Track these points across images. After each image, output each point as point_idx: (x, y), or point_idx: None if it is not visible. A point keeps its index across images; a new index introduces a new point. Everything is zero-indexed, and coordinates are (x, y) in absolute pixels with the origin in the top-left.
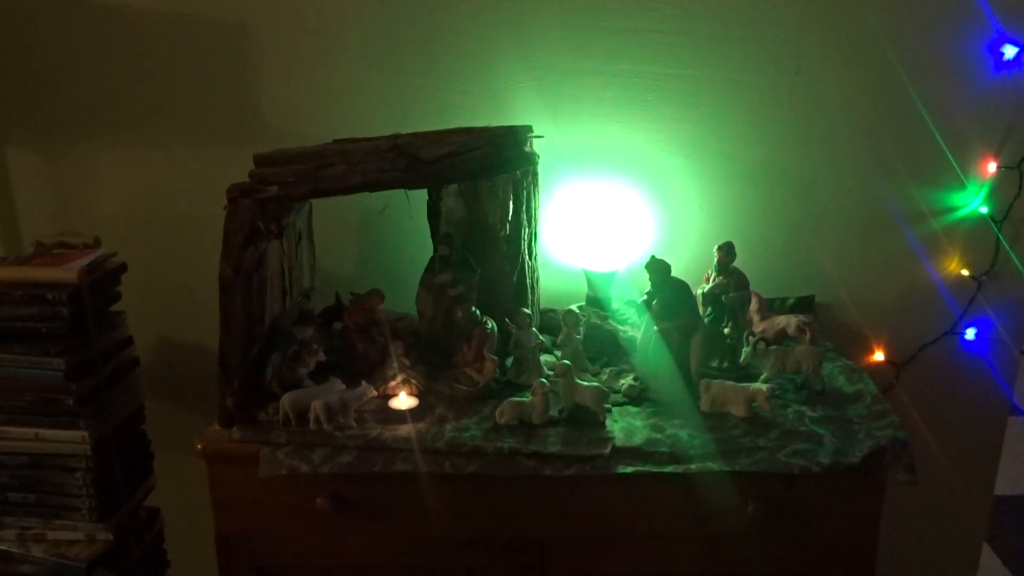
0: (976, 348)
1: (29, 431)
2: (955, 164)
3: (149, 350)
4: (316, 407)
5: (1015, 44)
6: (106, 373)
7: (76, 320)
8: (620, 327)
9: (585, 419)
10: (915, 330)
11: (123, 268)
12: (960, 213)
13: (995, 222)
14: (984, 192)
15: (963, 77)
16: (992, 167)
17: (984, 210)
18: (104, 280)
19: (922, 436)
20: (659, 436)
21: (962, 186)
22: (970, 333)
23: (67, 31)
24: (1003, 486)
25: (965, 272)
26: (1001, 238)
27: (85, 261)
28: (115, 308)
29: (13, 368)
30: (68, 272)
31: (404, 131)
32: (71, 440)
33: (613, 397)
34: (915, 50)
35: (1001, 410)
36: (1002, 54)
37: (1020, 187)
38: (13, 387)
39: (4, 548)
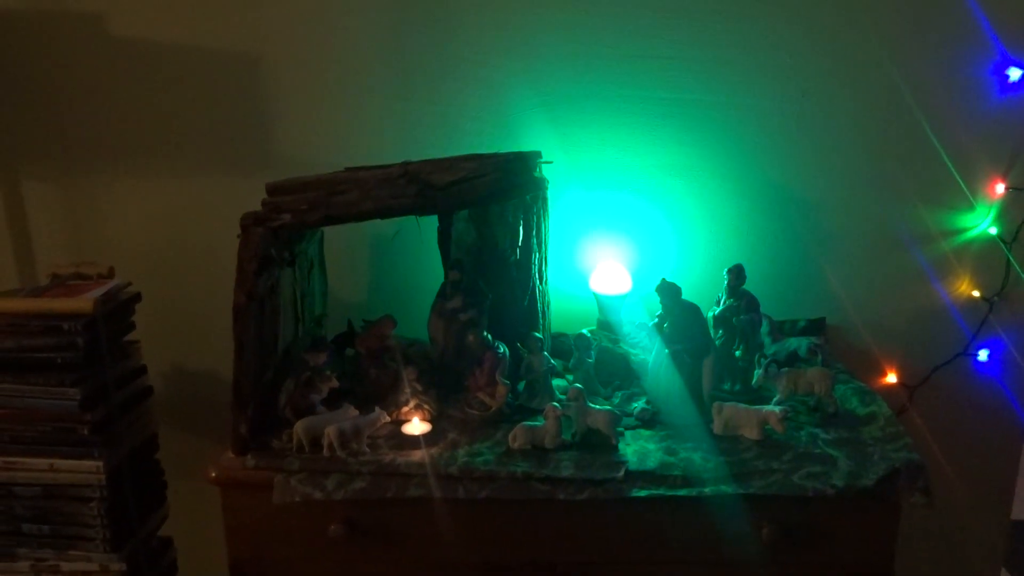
0: (989, 370)
1: (44, 461)
2: (963, 185)
3: (162, 378)
4: (329, 433)
5: (1020, 67)
6: (120, 402)
7: (91, 350)
8: (631, 350)
9: (598, 443)
10: (927, 352)
11: (137, 298)
12: (969, 234)
13: (1005, 243)
14: (993, 213)
15: (969, 100)
16: (1000, 188)
17: (993, 231)
18: (119, 310)
19: (936, 459)
20: (672, 459)
21: (971, 207)
22: (983, 355)
23: (82, 62)
24: (1020, 510)
25: (976, 293)
26: (1011, 259)
27: (100, 292)
28: (129, 337)
29: (28, 398)
30: (83, 303)
31: (415, 158)
32: (85, 470)
33: (625, 420)
34: (921, 73)
35: (1016, 432)
36: (1007, 76)
37: None
38: (29, 417)
39: None
